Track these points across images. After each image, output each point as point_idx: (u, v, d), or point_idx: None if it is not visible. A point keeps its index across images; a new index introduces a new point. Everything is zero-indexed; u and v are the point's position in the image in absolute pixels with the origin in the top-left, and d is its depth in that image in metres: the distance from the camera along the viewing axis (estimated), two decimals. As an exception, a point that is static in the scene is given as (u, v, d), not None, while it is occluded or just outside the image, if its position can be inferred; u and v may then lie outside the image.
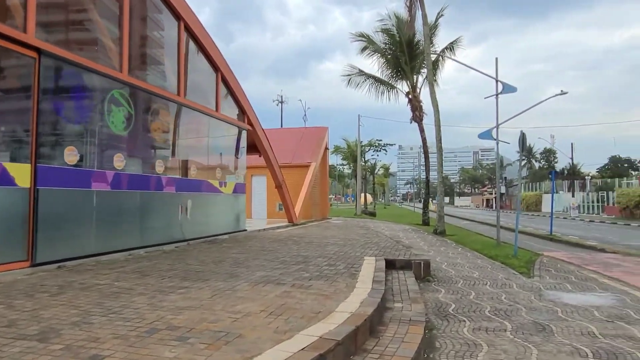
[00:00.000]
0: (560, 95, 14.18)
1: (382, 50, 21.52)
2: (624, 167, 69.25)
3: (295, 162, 20.48)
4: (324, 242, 10.65)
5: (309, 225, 16.68)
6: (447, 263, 9.64)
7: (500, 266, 9.55)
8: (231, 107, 12.26)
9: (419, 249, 11.61)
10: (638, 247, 15.80)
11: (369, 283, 5.70)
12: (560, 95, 14.18)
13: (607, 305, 6.23)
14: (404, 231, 16.20)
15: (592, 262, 10.98)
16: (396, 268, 7.90)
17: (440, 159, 16.25)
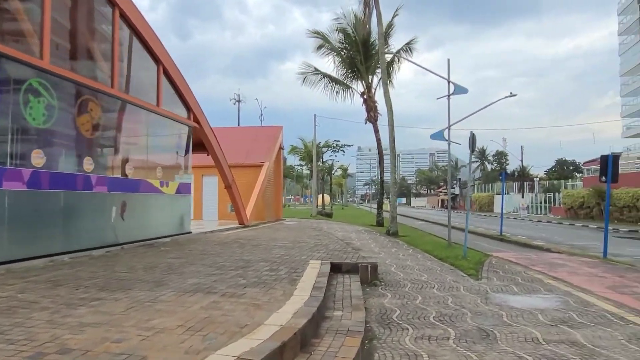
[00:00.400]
0: (510, 97, 14.42)
1: (337, 49, 21.29)
2: (570, 169, 72.69)
3: (249, 162, 19.89)
4: (271, 245, 10.19)
5: (261, 227, 16.15)
6: (397, 265, 9.41)
7: (450, 268, 9.42)
8: (176, 103, 11.58)
9: (369, 251, 11.37)
10: (581, 247, 16.30)
11: (308, 290, 5.31)
12: (510, 97, 14.42)
13: (551, 308, 6.12)
14: (357, 232, 15.99)
15: (538, 262, 11.09)
16: (342, 272, 7.57)
17: (394, 160, 16.16)
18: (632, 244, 17.90)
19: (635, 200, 30.30)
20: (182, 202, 11.79)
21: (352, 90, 22.56)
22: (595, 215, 34.60)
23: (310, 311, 4.35)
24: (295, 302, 4.72)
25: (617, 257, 12.69)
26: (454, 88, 13.84)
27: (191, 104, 11.81)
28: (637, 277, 9.04)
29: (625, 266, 10.65)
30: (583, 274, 9.24)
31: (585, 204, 35.80)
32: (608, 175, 12.10)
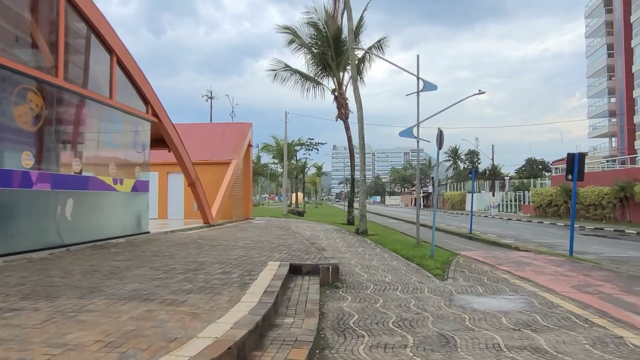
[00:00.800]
0: (479, 94, 14.31)
1: (308, 44, 20.87)
2: (539, 168, 74.25)
3: (216, 159, 19.28)
4: (232, 245, 9.73)
5: (226, 227, 15.62)
6: (362, 266, 9.09)
7: (416, 268, 9.16)
8: (132, 96, 10.95)
9: (335, 250, 11.03)
10: (548, 245, 16.39)
11: (258, 295, 4.90)
12: (479, 94, 14.31)
13: (515, 310, 5.89)
14: (326, 231, 15.65)
15: (505, 261, 10.97)
16: (302, 274, 7.19)
17: (363, 157, 15.88)
18: (597, 242, 18.14)
19: (601, 199, 30.97)
20: (138, 201, 11.18)
21: (323, 87, 22.24)
22: (563, 213, 35.29)
23: (253, 320, 3.94)
24: (240, 309, 4.31)
25: (582, 255, 12.72)
26: (423, 84, 13.64)
27: (149, 97, 11.21)
28: (602, 275, 8.97)
29: (590, 264, 10.62)
30: (549, 273, 9.12)
31: (553, 202, 36.48)
32: (574, 173, 12.10)
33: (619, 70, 55.50)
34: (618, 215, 29.84)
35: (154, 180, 19.36)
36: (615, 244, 17.71)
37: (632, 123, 51.71)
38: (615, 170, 35.96)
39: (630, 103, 52.65)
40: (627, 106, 53.06)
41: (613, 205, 30.10)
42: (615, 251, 14.87)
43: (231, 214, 19.01)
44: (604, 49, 59.00)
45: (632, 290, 7.53)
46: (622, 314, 5.82)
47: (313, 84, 22.00)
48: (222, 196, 16.93)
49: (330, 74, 21.49)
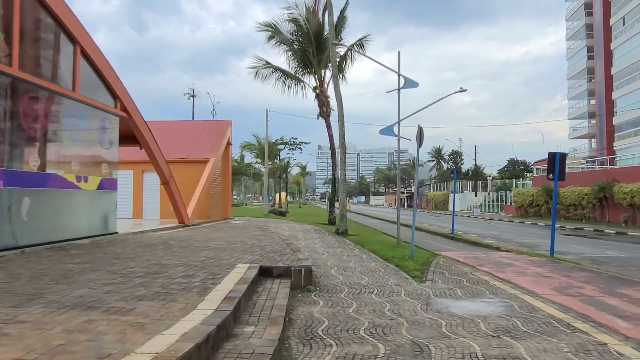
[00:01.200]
0: (460, 92, 14.09)
1: (289, 41, 20.44)
2: (521, 169, 74.99)
3: (193, 157, 18.74)
4: (202, 247, 9.27)
5: (202, 227, 15.12)
6: (338, 267, 8.73)
7: (394, 270, 8.83)
8: (99, 89, 10.40)
9: (312, 251, 10.66)
10: (530, 245, 16.27)
11: (217, 302, 4.49)
12: (460, 92, 14.09)
13: (494, 314, 5.58)
14: (305, 232, 15.25)
15: (486, 262, 10.72)
16: (273, 276, 6.79)
17: (343, 156, 15.54)
18: (578, 242, 18.12)
19: (581, 199, 31.20)
20: (105, 200, 10.63)
21: (304, 85, 21.86)
22: (544, 213, 35.50)
23: (205, 331, 3.54)
24: (193, 318, 3.89)
25: (563, 256, 12.57)
26: (404, 82, 13.36)
27: (118, 91, 10.66)
28: (583, 276, 8.77)
29: (571, 265, 10.44)
30: (530, 274, 8.88)
31: (535, 202, 36.70)
32: (555, 172, 11.93)
33: (599, 72, 56.31)
34: (597, 215, 30.10)
35: (128, 179, 18.77)
36: (595, 243, 17.70)
37: (611, 124, 52.48)
38: (595, 170, 36.37)
39: (609, 105, 53.43)
40: (607, 108, 53.86)
41: (593, 206, 30.35)
42: (595, 251, 14.81)
43: (209, 214, 18.49)
44: (584, 52, 59.80)
45: (613, 292, 7.31)
46: (605, 318, 5.57)
47: (294, 82, 21.60)
48: (199, 195, 16.42)
49: (312, 71, 21.12)
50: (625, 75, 49.60)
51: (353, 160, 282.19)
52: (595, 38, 57.47)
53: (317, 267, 8.61)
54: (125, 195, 18.57)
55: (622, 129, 50.55)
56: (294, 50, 20.72)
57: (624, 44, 49.59)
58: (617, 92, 51.26)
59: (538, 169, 46.04)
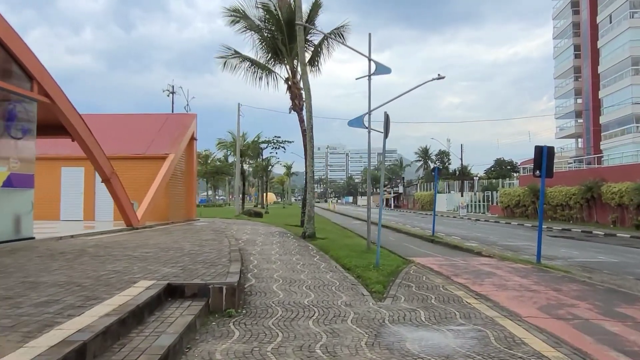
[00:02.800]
0: (438, 79, 12.77)
1: (257, 27, 18.87)
2: (507, 169, 74.30)
3: (151, 153, 17.13)
4: (122, 256, 7.74)
5: (151, 230, 13.51)
6: (285, 280, 7.26)
7: (352, 283, 7.39)
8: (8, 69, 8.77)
9: (264, 259, 9.18)
10: (515, 248, 14.98)
11: (35, 353, 2.98)
12: (438, 79, 12.77)
13: (462, 351, 4.16)
14: (268, 235, 13.77)
15: (463, 271, 9.33)
16: (185, 297, 5.30)
17: (311, 151, 14.07)
18: (566, 244, 16.91)
19: (568, 199, 30.16)
20: (15, 199, 9.01)
21: (275, 76, 20.33)
22: (531, 214, 34.43)
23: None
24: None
25: (551, 262, 11.29)
26: (375, 67, 11.96)
27: (34, 72, 9.04)
28: (575, 289, 7.41)
29: (561, 273, 9.11)
30: (512, 288, 7.50)
31: (521, 202, 35.61)
32: (542, 169, 10.60)
33: (586, 70, 55.67)
34: (585, 215, 29.06)
35: (79, 177, 17.13)
36: (584, 246, 16.50)
37: (598, 124, 51.80)
38: (582, 170, 35.41)
39: (596, 103, 52.76)
40: (593, 106, 53.19)
41: (580, 206, 29.31)
42: (585, 255, 13.57)
43: (167, 215, 16.90)
44: (571, 50, 59.16)
45: (612, 311, 5.96)
46: (608, 357, 4.17)
47: (265, 72, 20.06)
48: (153, 195, 14.83)
49: (283, 61, 19.60)
50: (612, 74, 48.93)
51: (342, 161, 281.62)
52: (582, 36, 56.83)
53: (259, 281, 7.15)
54: (75, 195, 16.95)
55: (609, 127, 49.87)
56: (263, 38, 19.19)
57: (611, 42, 48.91)
58: (603, 90, 50.57)
59: (525, 168, 45.10)
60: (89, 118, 20.54)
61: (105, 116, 20.38)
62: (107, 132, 18.72)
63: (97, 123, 19.37)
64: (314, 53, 20.09)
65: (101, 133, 18.38)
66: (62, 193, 17.02)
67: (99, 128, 18.84)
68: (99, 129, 18.78)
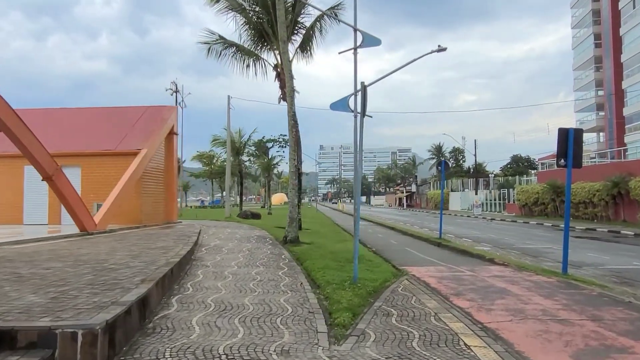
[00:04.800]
0: (438, 51, 10.75)
1: (239, 6, 16.93)
2: (525, 165, 71.25)
3: (122, 149, 15.38)
4: (8, 273, 5.90)
5: (107, 235, 11.64)
6: (217, 307, 5.34)
7: (311, 310, 5.43)
8: None
9: (216, 275, 7.28)
10: (534, 252, 12.84)
11: None
12: (438, 51, 10.75)
13: None
14: (243, 240, 11.78)
15: (469, 287, 7.29)
16: (18, 348, 3.41)
17: (293, 143, 12.11)
18: (592, 246, 14.70)
19: (592, 196, 27.66)
20: None
21: (264, 63, 18.42)
22: (550, 212, 31.96)
23: None
24: None
25: (579, 270, 9.22)
26: (362, 39, 9.95)
27: None
28: (620, 318, 5.34)
29: (595, 289, 7.02)
30: (533, 315, 5.45)
31: (540, 200, 33.11)
32: (569, 156, 8.50)
33: (607, 60, 52.60)
34: (611, 213, 26.55)
35: (41, 177, 15.44)
36: (613, 249, 14.30)
37: (621, 116, 48.76)
38: (606, 164, 32.77)
39: (618, 95, 49.70)
40: (616, 98, 50.12)
41: (605, 203, 26.80)
42: (617, 261, 11.43)
43: (140, 218, 15.11)
44: (591, 39, 56.08)
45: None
46: None
47: (252, 59, 18.17)
48: (117, 195, 13.05)
49: (271, 46, 17.67)
50: (636, 62, 45.85)
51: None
52: (602, 24, 53.73)
53: (182, 308, 5.25)
54: (39, 198, 15.29)
55: (634, 119, 46.80)
56: (248, 19, 17.30)
57: (635, 28, 45.84)
58: (627, 80, 47.50)
59: (544, 164, 42.46)
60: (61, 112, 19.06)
61: (78, 110, 18.76)
62: (78, 126, 17.11)
63: (69, 117, 17.78)
64: (305, 37, 18.14)
65: (72, 128, 16.82)
66: (25, 195, 15.40)
67: (70, 122, 17.25)
68: (70, 123, 17.19)
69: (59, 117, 17.72)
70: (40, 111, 17.96)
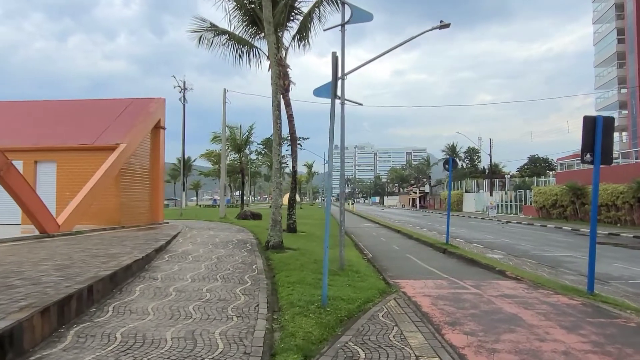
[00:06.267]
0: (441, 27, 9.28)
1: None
2: (542, 166, 68.75)
3: (100, 144, 14.21)
4: None
5: (69, 239, 10.40)
6: (125, 344, 4.02)
7: (250, 347, 4.04)
8: None
9: (152, 294, 5.94)
10: (552, 261, 11.24)
11: None
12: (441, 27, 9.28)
13: None
14: (219, 246, 10.36)
15: (469, 311, 5.82)
16: None
17: (277, 136, 10.72)
18: (618, 255, 13.04)
19: (615, 199, 25.74)
20: None
21: (258, 52, 17.09)
22: (570, 215, 30.05)
23: None
24: None
25: (606, 286, 7.69)
26: (351, 13, 8.56)
27: None
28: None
29: (634, 319, 5.50)
30: None
31: (559, 202, 31.19)
32: (596, 149, 6.98)
33: (631, 56, 50.07)
34: (636, 217, 24.63)
35: (17, 173, 14.34)
36: (643, 259, 12.63)
37: (646, 114, 46.31)
38: (631, 164, 30.67)
39: (644, 92, 47.22)
40: (640, 95, 47.64)
41: (630, 206, 24.88)
42: (652, 275, 9.80)
43: (118, 219, 13.92)
44: (613, 35, 53.55)
45: None
46: None
47: (246, 48, 16.86)
48: (87, 193, 11.86)
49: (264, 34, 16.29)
50: (663, 58, 43.46)
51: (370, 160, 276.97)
52: (626, 18, 51.18)
53: (74, 346, 3.92)
54: None
55: (660, 118, 44.38)
56: (239, 4, 15.99)
57: (662, 21, 43.45)
58: (653, 76, 45.07)
59: (562, 164, 40.40)
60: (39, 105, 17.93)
61: (59, 103, 17.66)
62: (57, 120, 16.01)
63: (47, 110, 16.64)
64: (302, 23, 16.78)
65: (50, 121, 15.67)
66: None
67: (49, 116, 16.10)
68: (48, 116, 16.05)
69: (36, 110, 16.68)
70: (19, 104, 16.93)
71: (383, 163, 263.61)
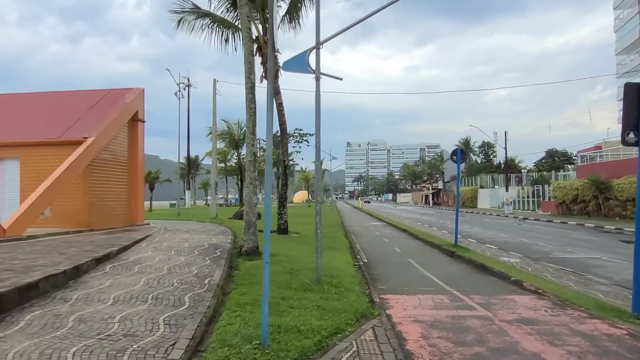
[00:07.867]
0: None
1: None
2: (561, 160, 66.08)
3: (66, 138, 12.81)
4: None
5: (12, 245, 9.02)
6: None
7: None
8: None
9: (46, 327, 4.43)
10: (577, 266, 9.41)
11: None
12: None
13: None
14: (183, 252, 8.85)
15: (472, 349, 4.19)
16: None
17: (250, 123, 9.12)
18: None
19: (643, 192, 23.57)
20: None
21: (244, 36, 15.52)
22: (592, 211, 27.92)
23: None
24: None
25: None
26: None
27: None
28: None
29: None
30: None
31: (580, 197, 29.04)
32: (643, 126, 5.25)
33: (656, 41, 47.36)
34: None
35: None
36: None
37: (673, 102, 43.58)
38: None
39: (669, 79, 44.50)
40: (667, 83, 44.86)
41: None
42: None
43: (87, 220, 12.53)
44: (636, 20, 50.79)
45: None
46: None
47: (231, 31, 15.32)
48: (41, 193, 10.46)
49: (255, 16, 14.76)
50: (690, 42, 40.80)
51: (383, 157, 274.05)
52: (650, 2, 48.47)
53: None
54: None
55: (688, 107, 41.67)
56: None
57: (689, 3, 40.78)
58: (680, 62, 42.41)
59: (584, 157, 38.11)
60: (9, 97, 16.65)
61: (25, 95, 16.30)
62: (23, 113, 14.68)
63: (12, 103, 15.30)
64: (292, 2, 15.18)
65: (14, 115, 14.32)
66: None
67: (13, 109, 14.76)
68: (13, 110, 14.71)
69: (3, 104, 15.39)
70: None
71: (396, 160, 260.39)
